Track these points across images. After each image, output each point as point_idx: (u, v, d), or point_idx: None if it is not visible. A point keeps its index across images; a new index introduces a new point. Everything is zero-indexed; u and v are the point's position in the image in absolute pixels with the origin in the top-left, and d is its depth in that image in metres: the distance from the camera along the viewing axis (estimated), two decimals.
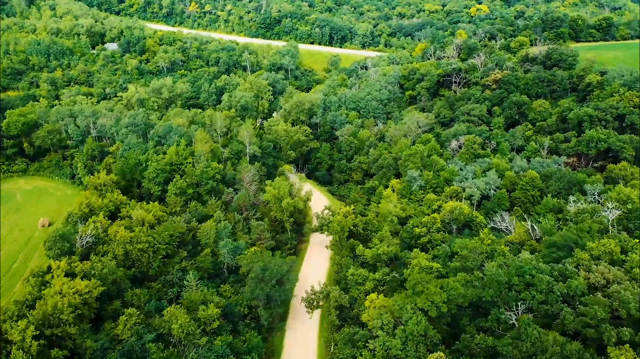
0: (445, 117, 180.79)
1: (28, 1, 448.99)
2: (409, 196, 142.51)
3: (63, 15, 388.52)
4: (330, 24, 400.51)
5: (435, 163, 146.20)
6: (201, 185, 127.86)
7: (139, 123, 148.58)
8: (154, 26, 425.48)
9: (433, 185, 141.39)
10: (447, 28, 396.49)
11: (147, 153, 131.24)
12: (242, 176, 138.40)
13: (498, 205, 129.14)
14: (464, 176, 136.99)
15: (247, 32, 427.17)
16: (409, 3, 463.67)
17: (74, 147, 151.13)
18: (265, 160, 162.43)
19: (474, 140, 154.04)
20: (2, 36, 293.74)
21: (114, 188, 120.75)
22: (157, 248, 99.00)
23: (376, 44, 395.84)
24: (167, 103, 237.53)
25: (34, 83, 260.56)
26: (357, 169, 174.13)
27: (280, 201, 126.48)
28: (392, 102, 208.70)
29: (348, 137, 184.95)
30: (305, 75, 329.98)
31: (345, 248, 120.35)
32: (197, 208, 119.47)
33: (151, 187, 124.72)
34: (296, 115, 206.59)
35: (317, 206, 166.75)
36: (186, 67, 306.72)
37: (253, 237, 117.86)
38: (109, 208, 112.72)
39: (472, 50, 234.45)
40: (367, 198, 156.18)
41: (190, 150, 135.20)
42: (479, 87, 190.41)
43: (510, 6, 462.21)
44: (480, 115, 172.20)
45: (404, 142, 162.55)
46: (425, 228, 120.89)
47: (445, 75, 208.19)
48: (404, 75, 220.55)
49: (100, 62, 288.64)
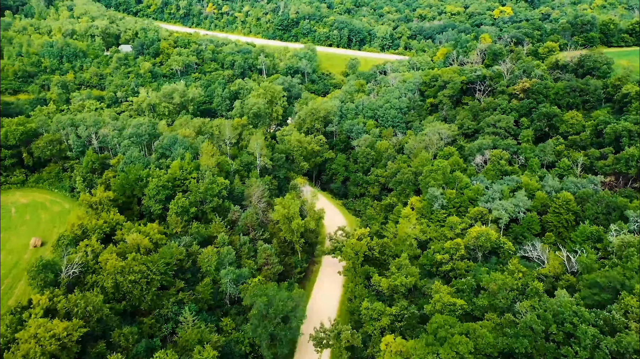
0: (469, 128, 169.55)
1: (47, 1, 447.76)
2: (429, 216, 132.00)
3: (80, 15, 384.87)
4: (349, 26, 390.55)
5: (459, 180, 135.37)
6: (205, 202, 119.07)
7: (143, 134, 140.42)
8: (171, 27, 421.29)
9: (456, 204, 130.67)
10: (470, 31, 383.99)
11: (148, 168, 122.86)
12: (250, 192, 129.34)
13: (528, 229, 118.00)
14: (490, 196, 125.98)
15: (265, 34, 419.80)
16: (430, 5, 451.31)
17: (74, 158, 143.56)
18: (276, 172, 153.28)
19: (500, 155, 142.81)
20: (15, 38, 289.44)
21: (110, 206, 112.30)
22: (151, 279, 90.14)
23: (396, 47, 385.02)
24: (179, 109, 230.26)
25: (45, 86, 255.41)
26: (374, 183, 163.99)
27: (290, 222, 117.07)
28: (412, 111, 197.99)
29: (365, 147, 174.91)
30: (323, 79, 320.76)
31: (359, 274, 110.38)
32: (199, 229, 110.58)
33: (151, 205, 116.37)
34: (311, 123, 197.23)
35: (331, 221, 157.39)
36: (200, 70, 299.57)
37: (259, 262, 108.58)
38: (103, 230, 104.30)
39: (497, 55, 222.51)
40: (384, 215, 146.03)
41: (196, 164, 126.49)
42: (505, 96, 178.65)
43: (535, 8, 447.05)
44: (507, 127, 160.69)
45: (424, 156, 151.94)
46: (447, 254, 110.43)
47: (468, 83, 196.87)
48: (425, 81, 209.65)
49: (113, 65, 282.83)
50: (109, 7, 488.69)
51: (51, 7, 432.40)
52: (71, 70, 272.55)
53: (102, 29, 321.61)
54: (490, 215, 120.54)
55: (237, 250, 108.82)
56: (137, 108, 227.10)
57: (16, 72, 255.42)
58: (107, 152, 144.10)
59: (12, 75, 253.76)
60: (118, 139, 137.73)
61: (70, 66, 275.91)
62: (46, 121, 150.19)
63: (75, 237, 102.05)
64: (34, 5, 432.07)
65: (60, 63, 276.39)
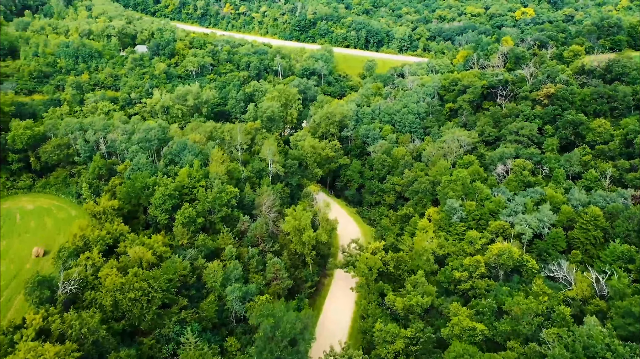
0: (490, 135, 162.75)
1: (66, 1, 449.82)
2: (447, 229, 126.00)
3: (98, 15, 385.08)
4: (367, 27, 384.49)
5: (479, 191, 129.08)
6: (214, 212, 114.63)
7: (152, 139, 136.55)
8: (188, 27, 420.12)
9: (476, 216, 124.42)
10: (490, 32, 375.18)
11: (156, 175, 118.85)
12: (261, 201, 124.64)
13: (552, 246, 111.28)
14: (513, 209, 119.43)
15: (281, 35, 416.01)
16: (449, 5, 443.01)
17: (82, 163, 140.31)
18: (289, 179, 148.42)
19: (523, 165, 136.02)
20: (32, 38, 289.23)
21: (114, 216, 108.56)
22: (152, 296, 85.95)
23: (414, 48, 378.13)
24: (192, 111, 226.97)
25: (60, 87, 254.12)
26: (390, 191, 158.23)
27: (301, 234, 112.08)
28: (430, 116, 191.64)
29: (381, 154, 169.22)
30: (339, 80, 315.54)
31: (372, 291, 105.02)
32: (205, 242, 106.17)
33: (157, 215, 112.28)
34: (326, 127, 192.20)
35: (344, 230, 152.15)
36: (215, 72, 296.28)
37: (268, 276, 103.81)
38: (105, 242, 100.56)
39: (519, 59, 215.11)
40: (400, 226, 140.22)
41: (205, 171, 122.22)
42: (528, 102, 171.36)
43: (558, 9, 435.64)
44: (531, 134, 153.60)
45: (442, 164, 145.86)
46: (466, 271, 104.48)
47: (489, 87, 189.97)
48: (444, 85, 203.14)
49: (129, 66, 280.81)
50: (128, 7, 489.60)
51: (70, 7, 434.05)
52: (86, 70, 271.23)
53: (118, 29, 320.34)
54: (513, 230, 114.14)
55: (245, 264, 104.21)
56: (150, 110, 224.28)
57: (31, 73, 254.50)
58: (115, 158, 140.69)
59: (28, 75, 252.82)
60: (126, 144, 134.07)
61: (86, 66, 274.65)
62: (55, 124, 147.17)
63: (77, 249, 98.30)
64: (53, 5, 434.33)
65: (75, 63, 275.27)
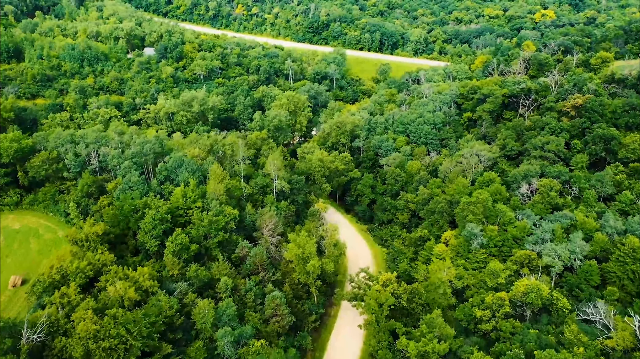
0: (513, 149, 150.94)
1: (78, 2, 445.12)
2: (466, 255, 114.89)
3: (109, 16, 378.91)
4: (381, 29, 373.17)
5: (501, 214, 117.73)
6: (209, 237, 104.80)
7: (148, 153, 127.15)
8: (199, 29, 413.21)
9: (498, 243, 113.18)
10: (509, 35, 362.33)
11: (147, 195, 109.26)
12: (262, 222, 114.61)
13: (585, 280, 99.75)
14: (539, 236, 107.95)
15: (294, 36, 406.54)
16: (467, 7, 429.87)
17: (72, 179, 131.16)
18: (294, 196, 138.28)
19: (550, 185, 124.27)
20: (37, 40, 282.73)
21: (98, 243, 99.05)
22: (131, 344, 76.30)
23: (430, 51, 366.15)
24: (198, 118, 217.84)
25: (64, 91, 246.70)
26: (404, 209, 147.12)
27: (305, 263, 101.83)
28: (447, 126, 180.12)
29: (394, 168, 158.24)
30: (352, 85, 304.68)
31: (383, 330, 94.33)
32: (198, 273, 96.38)
33: (146, 241, 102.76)
34: (336, 137, 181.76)
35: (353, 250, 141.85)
36: (224, 75, 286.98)
37: (267, 312, 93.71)
38: (86, 274, 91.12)
39: (543, 66, 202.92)
40: (413, 250, 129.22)
41: (202, 191, 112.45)
42: (553, 114, 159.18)
43: (580, 11, 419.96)
44: (557, 150, 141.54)
45: (461, 182, 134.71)
46: (488, 310, 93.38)
47: (511, 96, 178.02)
48: (462, 93, 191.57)
49: (135, 69, 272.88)
50: (140, 7, 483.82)
51: (81, 8, 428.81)
52: (91, 74, 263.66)
53: (127, 31, 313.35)
54: (540, 261, 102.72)
55: (241, 297, 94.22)
56: (154, 116, 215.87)
57: (35, 76, 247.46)
58: (107, 174, 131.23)
59: (31, 79, 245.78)
60: (118, 160, 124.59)
61: (91, 70, 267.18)
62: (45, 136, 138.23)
63: (53, 282, 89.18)
64: (64, 5, 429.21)
65: (80, 66, 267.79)
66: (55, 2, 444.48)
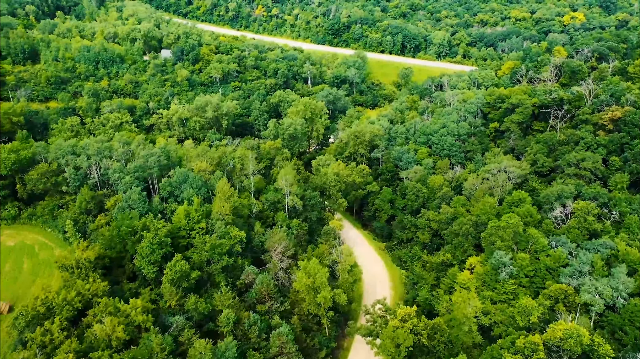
0: (544, 166, 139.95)
1: (98, 2, 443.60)
2: (493, 285, 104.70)
3: (128, 17, 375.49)
4: (404, 32, 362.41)
5: (533, 240, 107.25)
6: (213, 262, 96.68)
7: (152, 166, 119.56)
8: (218, 30, 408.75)
9: (529, 273, 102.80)
10: (537, 38, 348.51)
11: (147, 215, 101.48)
12: (271, 244, 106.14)
13: (630, 322, 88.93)
14: (577, 268, 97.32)
15: (314, 38, 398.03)
16: (492, 9, 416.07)
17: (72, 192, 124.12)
18: (308, 213, 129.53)
19: (587, 208, 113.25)
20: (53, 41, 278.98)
21: (90, 270, 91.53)
22: None
23: (453, 55, 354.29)
24: (211, 124, 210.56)
25: (78, 94, 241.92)
26: (425, 228, 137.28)
27: (316, 293, 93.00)
28: (472, 137, 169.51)
29: (415, 182, 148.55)
30: (372, 89, 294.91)
31: None
32: (197, 305, 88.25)
33: (143, 267, 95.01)
34: (354, 147, 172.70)
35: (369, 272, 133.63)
36: (241, 79, 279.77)
37: (272, 350, 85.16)
38: (74, 306, 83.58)
39: (575, 73, 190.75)
40: (435, 275, 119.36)
41: (206, 210, 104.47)
42: (589, 127, 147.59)
43: (611, 14, 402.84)
44: (594, 168, 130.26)
45: (488, 201, 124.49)
46: (520, 355, 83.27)
47: (541, 106, 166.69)
48: (489, 102, 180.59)
49: (150, 71, 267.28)
50: (160, 8, 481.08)
51: (102, 8, 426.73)
52: (106, 76, 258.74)
53: (144, 32, 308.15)
54: (578, 298, 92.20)
55: (244, 332, 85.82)
56: (166, 122, 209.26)
57: (49, 78, 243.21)
58: (107, 189, 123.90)
59: (45, 81, 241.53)
60: (120, 174, 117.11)
61: (106, 72, 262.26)
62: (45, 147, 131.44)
63: (37, 316, 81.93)
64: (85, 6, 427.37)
65: (95, 69, 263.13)
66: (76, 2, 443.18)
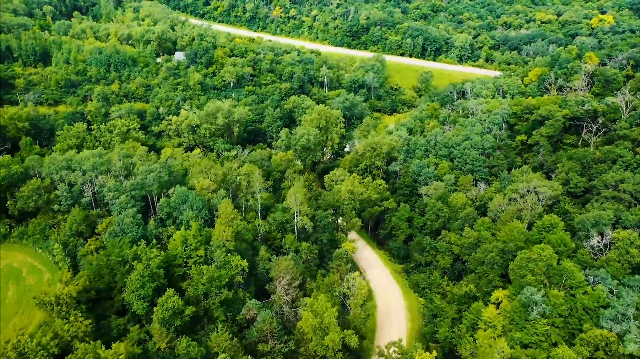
0: (577, 186, 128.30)
1: (115, 3, 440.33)
2: (522, 325, 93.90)
3: (144, 18, 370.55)
4: (424, 34, 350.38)
5: (568, 274, 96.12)
6: (210, 295, 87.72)
7: (151, 183, 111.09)
8: (235, 31, 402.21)
9: (564, 312, 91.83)
10: (563, 42, 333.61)
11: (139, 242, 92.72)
12: (277, 273, 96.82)
13: None
14: (619, 311, 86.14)
15: (332, 40, 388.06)
16: (516, 11, 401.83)
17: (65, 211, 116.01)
18: (319, 235, 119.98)
19: (629, 238, 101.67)
20: (65, 43, 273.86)
21: (72, 307, 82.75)
22: None
23: (475, 58, 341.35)
24: (222, 131, 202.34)
25: (88, 97, 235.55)
26: (445, 251, 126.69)
27: (324, 334, 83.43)
28: (497, 151, 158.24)
29: (435, 201, 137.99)
30: (390, 94, 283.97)
31: None
32: (189, 349, 79.21)
33: (133, 302, 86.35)
34: (370, 159, 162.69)
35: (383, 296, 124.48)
36: (255, 82, 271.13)
37: None
38: (49, 351, 74.96)
39: (610, 82, 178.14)
40: (456, 308, 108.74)
41: (206, 235, 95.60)
42: (627, 143, 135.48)
43: None
44: (634, 190, 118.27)
45: (515, 226, 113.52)
46: None
47: (572, 118, 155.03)
48: (515, 112, 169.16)
49: (162, 75, 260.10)
50: (177, 8, 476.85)
51: (119, 9, 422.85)
52: (117, 80, 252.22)
53: (158, 34, 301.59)
54: (621, 347, 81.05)
55: None
56: (176, 128, 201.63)
57: (59, 81, 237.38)
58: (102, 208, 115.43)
59: (55, 84, 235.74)
60: (114, 193, 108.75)
61: (117, 75, 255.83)
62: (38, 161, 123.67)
63: None
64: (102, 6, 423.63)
65: (107, 71, 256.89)
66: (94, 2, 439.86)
